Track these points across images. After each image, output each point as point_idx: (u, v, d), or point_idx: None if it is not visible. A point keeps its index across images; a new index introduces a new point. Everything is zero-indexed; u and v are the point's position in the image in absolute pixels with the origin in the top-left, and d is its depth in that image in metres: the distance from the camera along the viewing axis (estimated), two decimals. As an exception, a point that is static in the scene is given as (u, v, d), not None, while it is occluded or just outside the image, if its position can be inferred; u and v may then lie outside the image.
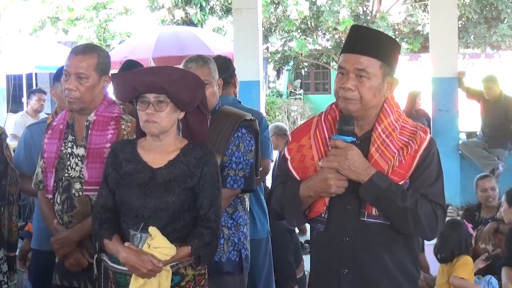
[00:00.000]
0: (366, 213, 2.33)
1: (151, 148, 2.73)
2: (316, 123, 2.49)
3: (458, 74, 8.26)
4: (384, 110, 2.39)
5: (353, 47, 2.36)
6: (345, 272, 2.38)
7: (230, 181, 3.16)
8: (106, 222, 2.70)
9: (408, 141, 2.35)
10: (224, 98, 4.03)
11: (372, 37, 2.40)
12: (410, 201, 2.27)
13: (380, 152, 2.33)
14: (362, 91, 2.32)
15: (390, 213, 2.30)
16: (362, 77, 2.32)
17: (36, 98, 8.77)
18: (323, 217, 2.40)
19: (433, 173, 2.36)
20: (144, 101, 2.65)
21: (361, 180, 2.29)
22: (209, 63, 3.28)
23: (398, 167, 2.32)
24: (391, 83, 2.39)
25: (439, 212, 2.33)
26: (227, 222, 3.23)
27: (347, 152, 2.28)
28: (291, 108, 19.16)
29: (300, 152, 2.47)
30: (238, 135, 3.21)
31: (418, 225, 2.30)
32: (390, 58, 2.38)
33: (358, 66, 2.31)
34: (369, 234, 2.35)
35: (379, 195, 2.27)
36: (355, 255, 2.36)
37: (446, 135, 8.32)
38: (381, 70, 2.34)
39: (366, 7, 16.38)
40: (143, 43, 11.10)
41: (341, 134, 2.32)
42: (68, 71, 2.96)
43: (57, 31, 18.21)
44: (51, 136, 3.10)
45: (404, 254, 2.41)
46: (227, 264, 3.21)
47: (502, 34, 14.21)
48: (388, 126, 2.37)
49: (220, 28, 17.64)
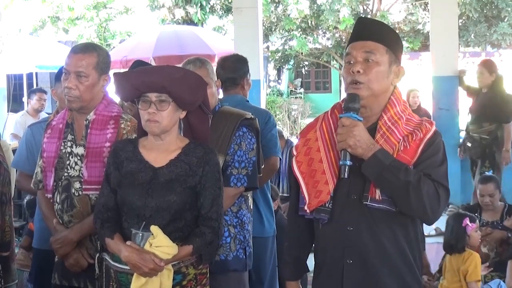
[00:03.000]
0: (370, 197, 2.33)
1: (153, 147, 2.73)
2: (323, 117, 2.53)
3: (459, 72, 8.25)
4: (391, 101, 2.41)
5: (359, 35, 2.42)
6: (349, 262, 2.38)
7: (233, 179, 3.17)
8: (108, 221, 2.70)
9: (414, 130, 2.37)
10: (232, 97, 4.05)
11: (377, 25, 2.48)
12: (413, 177, 2.28)
13: (385, 137, 2.35)
14: (370, 74, 2.35)
15: (393, 189, 2.30)
16: (370, 61, 2.35)
17: (36, 97, 8.76)
18: (328, 207, 2.40)
19: (438, 160, 2.37)
20: (145, 101, 2.65)
21: (365, 157, 2.30)
22: (206, 64, 3.31)
23: (402, 152, 2.33)
24: (398, 72, 2.43)
25: (442, 192, 2.32)
26: (232, 221, 3.25)
27: (353, 128, 2.29)
28: (291, 107, 19.15)
29: (306, 146, 2.50)
30: (240, 134, 3.23)
31: (420, 201, 2.28)
32: (395, 46, 2.43)
33: (366, 49, 2.36)
34: (372, 223, 2.35)
35: (382, 171, 2.28)
36: (359, 244, 2.36)
37: (446, 134, 8.25)
38: (387, 55, 2.38)
39: (366, 6, 16.38)
40: (143, 43, 11.08)
41: (347, 111, 2.34)
42: (68, 70, 2.96)
43: (58, 30, 18.22)
44: (51, 135, 3.11)
45: (408, 247, 2.41)
46: (234, 262, 3.23)
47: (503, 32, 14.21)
48: (394, 115, 2.39)
49: (220, 27, 17.64)
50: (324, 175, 2.40)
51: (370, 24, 2.51)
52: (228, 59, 4.24)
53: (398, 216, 2.36)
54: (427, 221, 2.43)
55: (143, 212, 2.63)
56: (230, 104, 3.91)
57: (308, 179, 2.45)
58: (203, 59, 3.37)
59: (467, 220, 4.46)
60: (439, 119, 8.39)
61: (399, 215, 2.36)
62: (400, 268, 2.39)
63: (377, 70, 2.36)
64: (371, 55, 2.35)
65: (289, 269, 2.65)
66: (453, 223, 4.52)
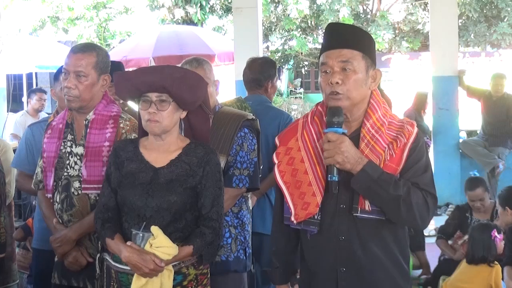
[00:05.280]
0: (359, 209, 2.32)
1: (153, 147, 2.73)
2: (303, 124, 2.48)
3: (458, 72, 8.26)
4: (372, 106, 2.39)
5: (333, 43, 2.37)
6: (342, 270, 2.38)
7: (235, 180, 3.17)
8: (108, 221, 2.70)
9: (397, 135, 2.35)
10: (255, 96, 4.09)
11: (350, 30, 2.44)
12: (402, 190, 2.27)
13: (370, 147, 2.33)
14: (349, 84, 2.32)
15: (382, 202, 2.30)
16: (347, 70, 2.32)
17: (36, 97, 8.77)
18: (316, 219, 2.38)
19: (423, 164, 2.37)
20: (146, 100, 2.65)
21: (354, 171, 2.28)
22: (203, 64, 3.30)
23: (389, 161, 2.32)
24: (375, 75, 2.40)
25: (430, 201, 2.34)
26: (233, 222, 3.26)
27: (340, 144, 2.26)
28: (291, 107, 19.14)
29: (288, 155, 2.46)
30: (241, 135, 3.23)
31: (410, 213, 2.30)
32: (369, 50, 2.40)
33: (342, 58, 2.32)
34: (363, 232, 2.35)
35: (371, 185, 2.27)
36: (351, 253, 2.36)
37: (446, 134, 8.32)
38: (363, 61, 2.35)
39: (366, 6, 16.36)
40: (143, 43, 11.08)
41: (331, 126, 2.30)
42: (67, 70, 2.97)
43: (57, 30, 18.18)
44: (51, 135, 3.11)
45: (398, 250, 2.42)
46: (235, 263, 3.23)
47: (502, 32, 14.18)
48: (376, 121, 2.37)
49: (220, 27, 17.61)
50: (310, 187, 2.38)
51: (343, 30, 2.46)
52: (256, 60, 4.30)
53: (387, 222, 2.37)
54: (416, 228, 2.45)
55: (144, 212, 2.63)
56: (253, 104, 3.95)
57: (292, 190, 2.42)
58: (200, 58, 3.36)
59: (495, 232, 4.53)
60: (439, 119, 8.41)
61: (388, 221, 2.37)
62: (392, 272, 2.41)
63: (355, 79, 2.33)
64: (348, 64, 2.32)
65: (278, 273, 2.64)
66: (481, 235, 4.55)
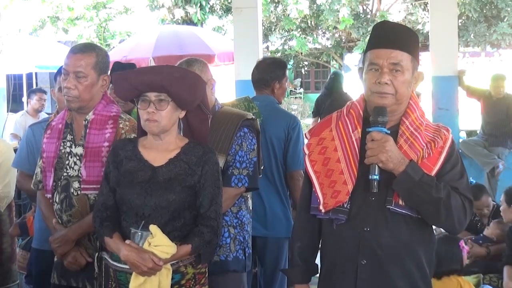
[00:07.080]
0: (394, 202, 2.33)
1: (152, 146, 2.73)
2: (337, 117, 2.51)
3: (458, 72, 8.25)
4: (411, 106, 2.42)
5: (384, 42, 2.38)
6: (363, 263, 2.38)
7: (234, 180, 3.16)
8: (107, 220, 2.70)
9: (434, 137, 2.38)
10: (262, 97, 4.09)
11: (401, 31, 2.44)
12: (444, 193, 2.30)
13: (409, 143, 2.35)
14: (397, 85, 2.34)
15: (423, 204, 2.32)
16: (397, 71, 2.34)
17: (36, 97, 8.78)
18: (346, 207, 2.39)
19: (459, 170, 2.40)
20: (145, 100, 2.65)
21: (396, 171, 2.29)
22: (194, 65, 3.26)
23: (427, 159, 2.34)
24: (417, 77, 2.43)
25: (467, 205, 2.36)
26: (232, 222, 3.25)
27: (385, 143, 2.29)
28: (291, 107, 19.13)
29: (320, 145, 2.48)
30: (241, 135, 3.22)
31: (449, 216, 2.33)
32: (417, 52, 2.43)
33: (393, 60, 2.34)
34: (391, 225, 2.36)
35: (413, 187, 2.29)
36: (375, 245, 2.36)
37: (446, 134, 8.30)
38: (411, 64, 2.38)
39: (366, 6, 16.36)
40: (143, 43, 11.08)
41: (375, 125, 2.33)
42: (67, 70, 2.97)
43: (57, 30, 18.18)
44: (50, 135, 3.11)
45: (422, 251, 2.42)
46: (233, 263, 3.23)
47: (502, 32, 14.18)
48: (415, 119, 2.40)
49: (220, 27, 17.61)
50: (342, 175, 2.39)
51: (395, 30, 2.45)
52: (265, 60, 4.32)
53: (416, 221, 2.37)
54: (453, 232, 2.49)
55: (142, 211, 2.64)
56: (260, 104, 3.97)
57: (323, 179, 2.44)
58: (193, 59, 3.33)
59: (463, 243, 4.09)
60: (438, 119, 8.38)
61: (418, 220, 2.37)
62: (412, 271, 2.39)
63: (403, 80, 2.36)
64: (397, 66, 2.34)
65: (300, 271, 2.60)
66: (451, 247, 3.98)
